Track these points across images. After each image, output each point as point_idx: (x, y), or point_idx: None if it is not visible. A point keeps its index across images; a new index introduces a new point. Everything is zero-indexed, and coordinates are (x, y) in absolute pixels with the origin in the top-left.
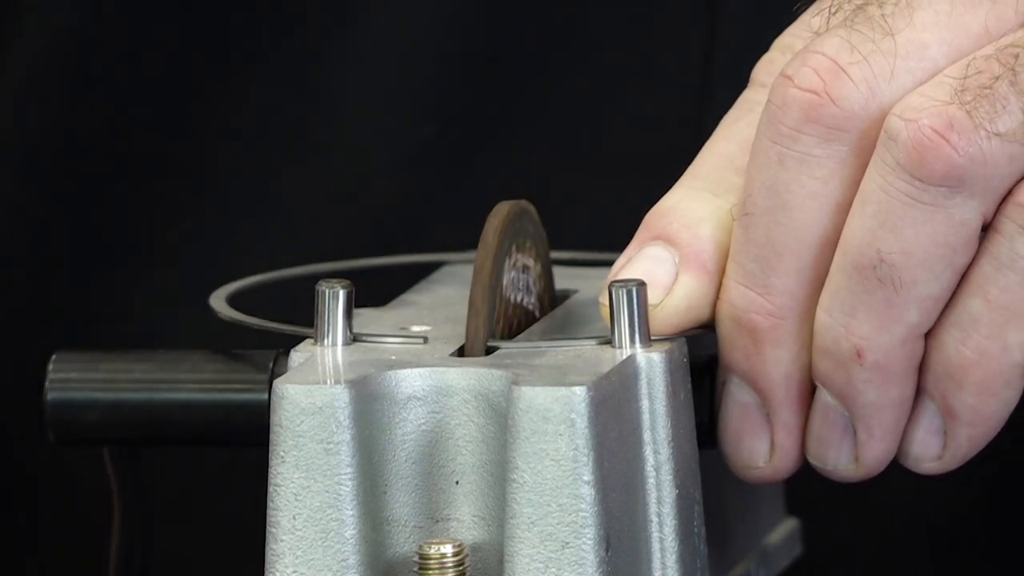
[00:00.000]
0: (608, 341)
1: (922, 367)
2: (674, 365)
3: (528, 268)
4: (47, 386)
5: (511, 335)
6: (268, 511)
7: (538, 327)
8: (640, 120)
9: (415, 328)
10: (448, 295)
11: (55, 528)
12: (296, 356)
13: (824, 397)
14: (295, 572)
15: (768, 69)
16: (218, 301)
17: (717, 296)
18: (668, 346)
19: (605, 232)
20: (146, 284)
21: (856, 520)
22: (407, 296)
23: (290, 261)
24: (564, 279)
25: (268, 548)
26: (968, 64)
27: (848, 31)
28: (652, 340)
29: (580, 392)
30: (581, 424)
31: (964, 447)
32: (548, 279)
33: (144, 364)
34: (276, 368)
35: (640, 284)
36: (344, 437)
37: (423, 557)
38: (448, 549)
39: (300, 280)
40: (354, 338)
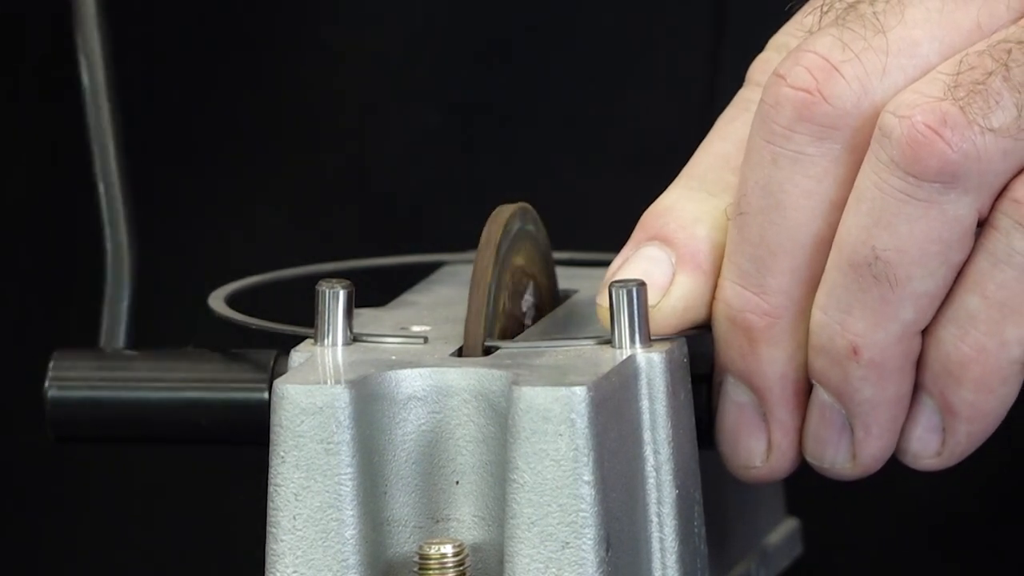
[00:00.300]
0: (608, 341)
1: (920, 364)
2: (674, 365)
3: (529, 268)
4: (47, 384)
5: (511, 335)
6: (268, 511)
7: (538, 327)
8: (645, 114)
9: (415, 328)
10: (448, 295)
11: (55, 528)
12: (296, 356)
13: (821, 395)
14: (295, 572)
15: (763, 68)
16: (217, 301)
17: (713, 296)
18: (668, 346)
19: (608, 225)
20: (146, 283)
21: (856, 520)
22: (407, 296)
23: (293, 253)
24: (564, 279)
25: (268, 548)
26: (961, 60)
27: (840, 29)
28: (652, 340)
29: (580, 392)
30: (581, 424)
31: (963, 444)
32: (549, 279)
33: (144, 363)
34: (276, 368)
35: (640, 284)
36: (344, 437)
37: (423, 557)
38: (448, 549)
39: (300, 280)
40: (354, 338)
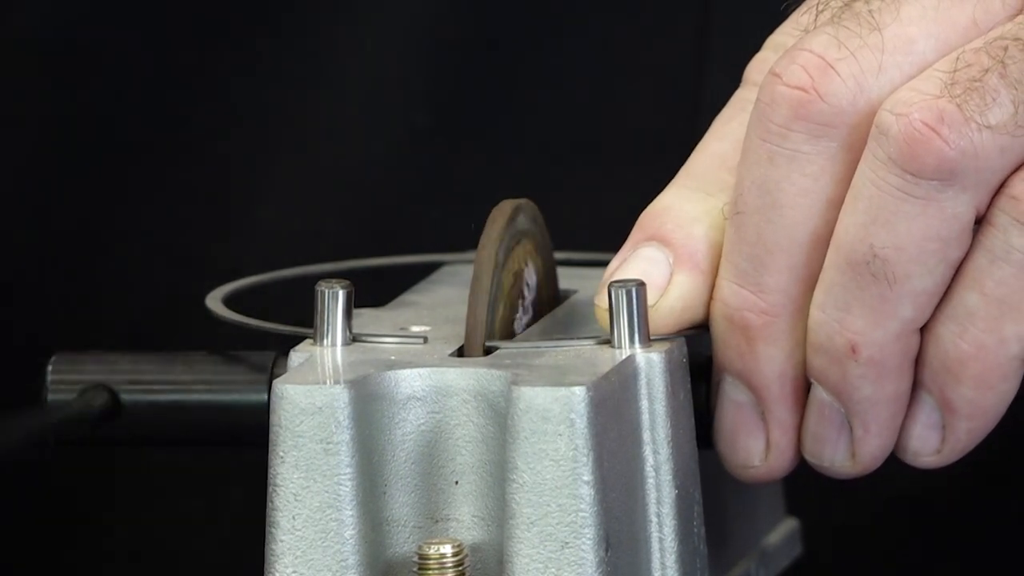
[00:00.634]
0: (608, 341)
1: (919, 361)
2: (673, 365)
3: (528, 267)
4: (47, 386)
5: (510, 335)
6: (268, 511)
7: (538, 327)
8: (635, 111)
9: (415, 328)
10: (448, 295)
11: (55, 529)
12: (296, 356)
13: (819, 394)
14: (295, 572)
15: (760, 68)
16: (215, 302)
17: (711, 296)
18: (667, 346)
19: (600, 222)
20: (146, 283)
21: (856, 519)
22: (407, 296)
23: (288, 251)
24: (564, 279)
25: (268, 548)
26: (957, 57)
27: (835, 27)
28: (651, 340)
29: (580, 392)
30: (581, 424)
31: (963, 441)
32: (549, 278)
33: (144, 364)
34: (276, 368)
35: (640, 284)
36: (344, 437)
37: (423, 557)
38: (448, 549)
39: (299, 280)
40: (354, 338)
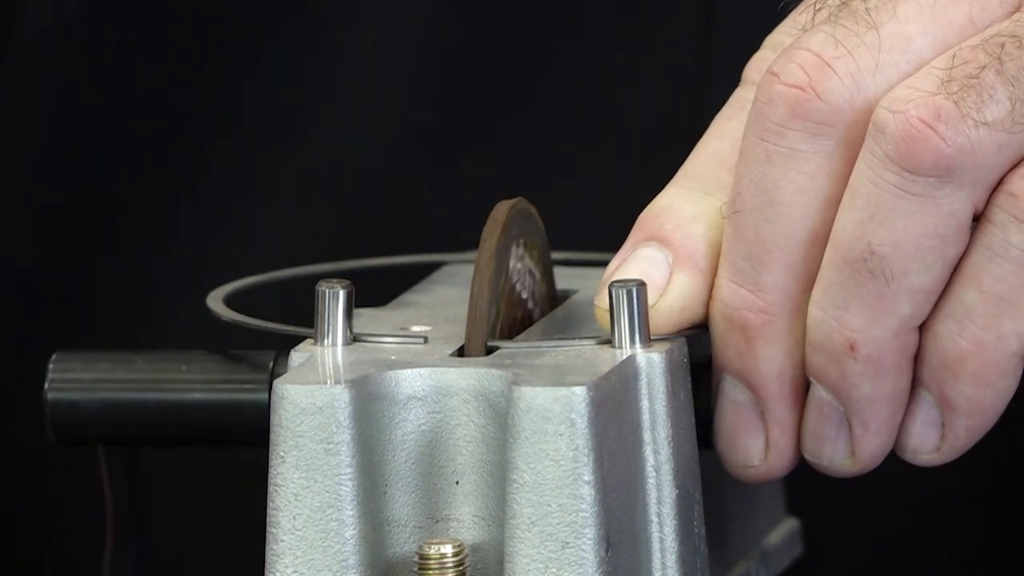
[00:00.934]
0: (608, 341)
1: (918, 359)
2: (674, 365)
3: (528, 268)
4: (47, 386)
5: (511, 335)
6: (268, 511)
7: (538, 327)
8: (636, 107)
9: (415, 328)
10: (448, 295)
11: (55, 529)
12: (296, 356)
13: (818, 392)
14: (295, 572)
15: (759, 67)
16: (216, 301)
17: (711, 295)
18: (668, 346)
19: (602, 221)
20: (146, 283)
21: (857, 519)
22: (407, 296)
23: (288, 251)
24: (564, 279)
25: (268, 548)
26: (954, 55)
27: (832, 26)
28: (652, 340)
29: (580, 392)
30: (581, 424)
31: (962, 438)
32: (549, 279)
33: (144, 364)
34: (276, 368)
35: (640, 284)
36: (344, 437)
37: (423, 557)
38: (448, 549)
39: (299, 280)
40: (354, 338)
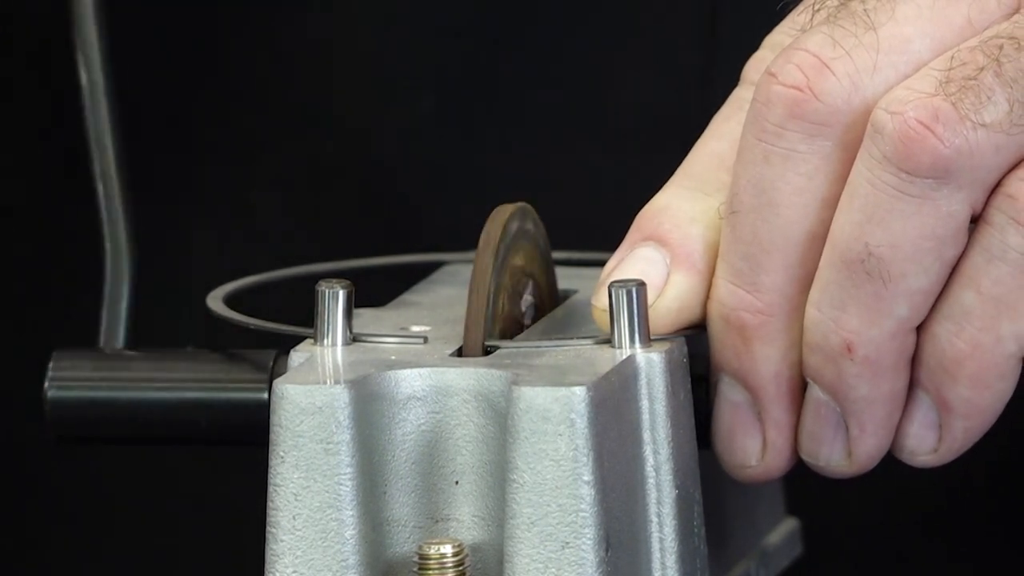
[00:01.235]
0: (608, 341)
1: (915, 360)
2: (674, 365)
3: (528, 267)
4: (47, 384)
5: (511, 335)
6: (268, 511)
7: (538, 327)
8: (642, 97)
9: (415, 328)
10: (448, 295)
11: (56, 528)
12: (296, 356)
13: (815, 393)
14: (295, 572)
15: (757, 67)
16: (216, 301)
17: (708, 295)
18: (668, 346)
19: (605, 216)
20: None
21: (857, 519)
22: (407, 296)
23: (293, 252)
24: (564, 279)
25: (268, 548)
26: (952, 56)
27: (831, 27)
28: (652, 340)
29: (580, 392)
30: (581, 424)
31: (960, 440)
32: (548, 279)
33: (144, 364)
34: (276, 368)
35: (640, 284)
36: (344, 437)
37: (423, 557)
38: (448, 549)
39: (299, 280)
40: (354, 338)
